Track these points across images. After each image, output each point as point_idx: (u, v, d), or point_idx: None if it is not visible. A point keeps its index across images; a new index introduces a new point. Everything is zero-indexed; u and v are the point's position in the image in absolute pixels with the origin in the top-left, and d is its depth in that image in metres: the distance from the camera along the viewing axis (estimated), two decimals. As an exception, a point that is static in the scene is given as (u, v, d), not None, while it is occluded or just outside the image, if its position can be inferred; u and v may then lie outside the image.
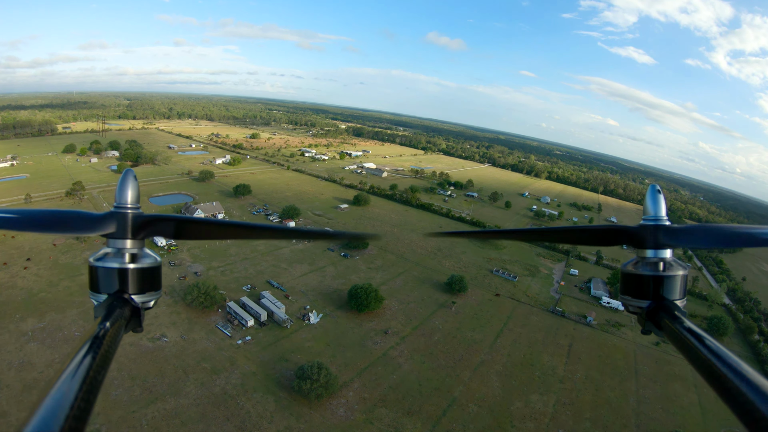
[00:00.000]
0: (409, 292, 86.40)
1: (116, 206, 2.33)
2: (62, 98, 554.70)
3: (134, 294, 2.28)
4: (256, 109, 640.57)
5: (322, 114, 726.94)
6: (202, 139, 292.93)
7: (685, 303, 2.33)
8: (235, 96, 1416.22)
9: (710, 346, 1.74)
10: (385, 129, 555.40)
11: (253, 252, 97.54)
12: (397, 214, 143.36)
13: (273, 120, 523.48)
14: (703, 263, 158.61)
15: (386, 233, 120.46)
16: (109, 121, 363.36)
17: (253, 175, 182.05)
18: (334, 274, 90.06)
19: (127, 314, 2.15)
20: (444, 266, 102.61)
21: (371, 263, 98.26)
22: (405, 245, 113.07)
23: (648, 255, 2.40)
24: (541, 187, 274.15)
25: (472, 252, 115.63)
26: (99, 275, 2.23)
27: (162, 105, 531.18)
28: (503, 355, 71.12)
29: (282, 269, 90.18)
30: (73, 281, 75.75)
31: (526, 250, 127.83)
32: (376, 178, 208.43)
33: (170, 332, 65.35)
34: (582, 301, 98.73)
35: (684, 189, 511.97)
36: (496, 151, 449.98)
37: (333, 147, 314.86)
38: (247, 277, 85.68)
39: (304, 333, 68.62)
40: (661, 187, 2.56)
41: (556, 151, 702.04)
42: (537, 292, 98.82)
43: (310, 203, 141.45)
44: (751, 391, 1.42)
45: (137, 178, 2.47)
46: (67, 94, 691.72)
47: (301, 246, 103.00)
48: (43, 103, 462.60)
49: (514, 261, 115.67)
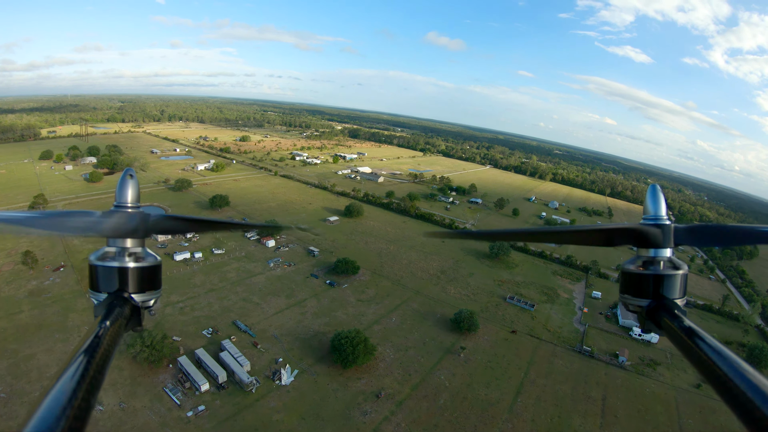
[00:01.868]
0: (408, 333, 70.86)
1: (116, 205, 2.39)
2: (55, 101, 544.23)
3: (134, 293, 2.31)
4: (251, 111, 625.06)
5: (318, 115, 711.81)
6: (189, 142, 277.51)
7: (685, 302, 2.36)
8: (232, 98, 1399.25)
9: (710, 345, 1.76)
10: (383, 130, 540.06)
11: (222, 281, 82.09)
12: (393, 226, 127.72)
13: (266, 122, 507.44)
14: (726, 275, 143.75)
15: (381, 252, 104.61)
16: (98, 124, 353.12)
17: (237, 182, 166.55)
18: (317, 310, 74.50)
19: (128, 313, 2.19)
20: (449, 294, 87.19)
21: (362, 293, 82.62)
22: (402, 267, 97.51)
23: (648, 254, 2.46)
24: (546, 190, 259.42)
25: (480, 274, 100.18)
26: (99, 274, 2.26)
27: (154, 107, 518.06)
28: (526, 421, 55.84)
29: (253, 304, 74.66)
30: (10, 321, 61.48)
31: (541, 268, 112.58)
32: (372, 183, 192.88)
33: (107, 397, 50.52)
34: (610, 334, 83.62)
35: (687, 188, 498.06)
36: (496, 151, 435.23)
37: (327, 150, 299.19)
38: (210, 315, 70.22)
39: (272, 400, 53.13)
40: (663, 187, 2.64)
41: (556, 151, 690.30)
42: (559, 324, 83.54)
43: (295, 215, 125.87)
44: (751, 391, 1.43)
45: (134, 177, 2.52)
46: (61, 97, 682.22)
47: (279, 272, 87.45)
48: (35, 107, 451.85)
49: (529, 283, 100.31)
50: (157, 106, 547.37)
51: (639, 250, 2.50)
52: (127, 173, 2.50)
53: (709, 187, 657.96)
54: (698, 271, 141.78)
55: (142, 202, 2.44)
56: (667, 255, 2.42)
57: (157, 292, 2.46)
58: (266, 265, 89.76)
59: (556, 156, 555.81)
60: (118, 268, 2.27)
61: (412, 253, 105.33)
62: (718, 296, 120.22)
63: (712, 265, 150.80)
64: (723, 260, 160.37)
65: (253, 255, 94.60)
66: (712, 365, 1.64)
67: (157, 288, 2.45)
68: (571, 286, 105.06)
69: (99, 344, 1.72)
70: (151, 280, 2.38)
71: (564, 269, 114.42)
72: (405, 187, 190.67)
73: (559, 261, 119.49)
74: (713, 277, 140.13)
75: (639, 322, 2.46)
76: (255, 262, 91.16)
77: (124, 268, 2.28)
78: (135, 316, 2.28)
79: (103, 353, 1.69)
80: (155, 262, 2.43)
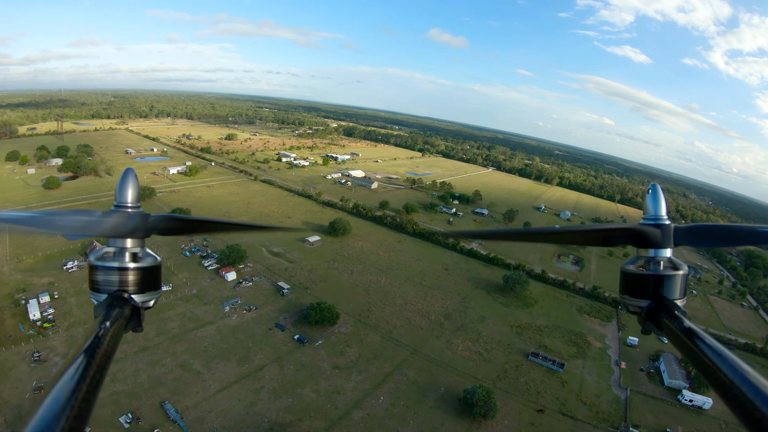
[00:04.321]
0: (401, 423, 50.95)
1: (116, 205, 2.39)
2: (46, 96, 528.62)
3: (134, 293, 2.30)
4: (244, 107, 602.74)
5: (314, 112, 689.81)
6: (170, 141, 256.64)
7: (685, 302, 2.34)
8: (230, 94, 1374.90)
9: (710, 346, 1.76)
10: (380, 128, 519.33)
11: (159, 333, 62.32)
12: (387, 248, 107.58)
13: (258, 118, 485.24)
14: (757, 300, 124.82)
15: (369, 287, 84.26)
16: (82, 121, 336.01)
17: (209, 189, 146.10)
18: (277, 385, 54.60)
19: (127, 314, 2.17)
20: (456, 352, 67.37)
21: (340, 355, 62.50)
22: (396, 310, 77.52)
23: (648, 254, 2.44)
24: (554, 197, 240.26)
25: (494, 317, 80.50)
26: (99, 274, 2.25)
27: (143, 103, 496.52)
28: None
29: (193, 374, 54.86)
30: None
31: (564, 303, 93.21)
32: (364, 190, 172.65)
33: None
34: (656, 400, 64.91)
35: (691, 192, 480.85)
36: (498, 152, 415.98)
37: (318, 149, 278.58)
38: (134, 392, 50.60)
39: None
40: (669, 191, 2.58)
41: (557, 151, 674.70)
42: (595, 391, 64.32)
43: (268, 234, 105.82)
44: (751, 391, 1.43)
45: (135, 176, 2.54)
46: (54, 92, 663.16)
47: (235, 320, 67.59)
48: (24, 102, 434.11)
49: (554, 328, 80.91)
50: (147, 101, 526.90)
51: (639, 251, 2.48)
52: (128, 172, 2.49)
53: (709, 189, 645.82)
54: (729, 297, 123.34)
55: None
56: (668, 255, 2.40)
57: (158, 293, 2.44)
58: (220, 310, 69.93)
59: (557, 156, 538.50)
60: (118, 269, 2.25)
61: (408, 288, 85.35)
62: (754, 327, 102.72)
63: (742, 289, 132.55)
64: (751, 281, 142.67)
65: (206, 293, 74.74)
66: (712, 366, 1.63)
67: (157, 288, 2.43)
68: (602, 328, 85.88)
69: (99, 345, 1.72)
70: (151, 281, 2.37)
71: (590, 304, 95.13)
72: (401, 195, 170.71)
73: (583, 293, 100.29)
74: (746, 303, 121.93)
75: (639, 323, 2.42)
76: (207, 304, 71.28)
77: (124, 268, 2.26)
78: (135, 316, 2.25)
79: (103, 354, 1.69)
80: (155, 263, 2.42)
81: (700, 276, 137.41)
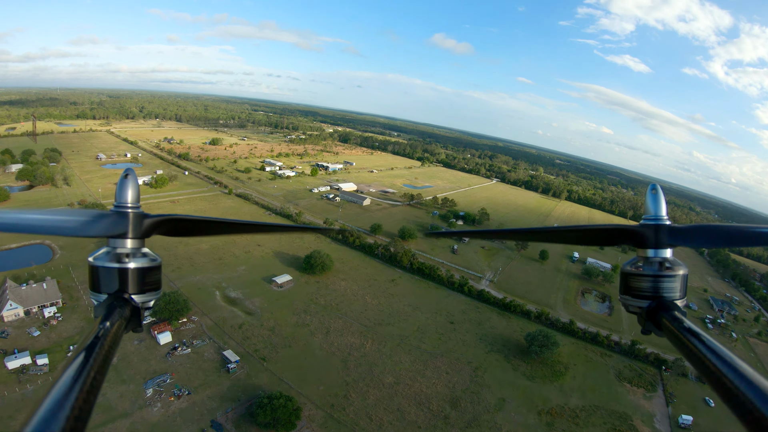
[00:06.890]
0: None
1: (116, 205, 2.36)
2: (40, 94, 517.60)
3: (134, 294, 2.28)
4: (239, 110, 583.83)
5: (311, 116, 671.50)
6: (150, 145, 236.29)
7: (685, 302, 2.35)
8: (229, 96, 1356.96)
9: (710, 346, 1.75)
10: (377, 134, 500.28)
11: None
12: (376, 290, 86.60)
13: (250, 122, 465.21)
14: None
15: (349, 358, 62.33)
16: (65, 121, 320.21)
17: (173, 204, 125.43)
18: None
19: (127, 314, 2.16)
20: (467, 471, 46.81)
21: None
22: (384, 395, 56.38)
23: (648, 255, 2.43)
24: (565, 213, 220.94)
25: (516, 398, 59.61)
26: (99, 275, 2.24)
27: (134, 104, 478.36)
28: None
29: None
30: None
31: (599, 366, 72.98)
32: (354, 208, 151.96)
33: None
34: None
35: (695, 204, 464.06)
36: (500, 162, 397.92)
37: (309, 157, 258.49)
38: None
39: None
40: (675, 204, 2.62)
41: (558, 161, 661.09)
42: None
43: (229, 270, 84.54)
44: (751, 391, 1.42)
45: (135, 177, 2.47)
46: (51, 90, 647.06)
47: (158, 414, 46.57)
48: (15, 99, 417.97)
49: (592, 410, 60.45)
50: (139, 102, 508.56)
51: (639, 251, 2.47)
52: (128, 172, 2.45)
53: (710, 201, 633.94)
54: (757, 333, 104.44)
55: (21, 242, 2.25)
56: (668, 255, 2.39)
57: (157, 293, 2.42)
58: (141, 393, 49.14)
59: (559, 167, 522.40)
60: (118, 269, 2.24)
61: (402, 357, 64.10)
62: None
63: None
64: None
65: (128, 363, 53.85)
66: (712, 366, 1.63)
67: (157, 289, 2.40)
68: (648, 403, 65.74)
69: (99, 345, 1.71)
70: (151, 281, 2.35)
71: (629, 365, 75.07)
72: (398, 214, 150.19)
73: (619, 349, 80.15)
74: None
75: (639, 324, 2.39)
76: (125, 383, 50.42)
77: (124, 268, 2.24)
78: (135, 317, 2.23)
79: (103, 354, 1.68)
80: (155, 263, 2.40)
81: (736, 313, 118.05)
